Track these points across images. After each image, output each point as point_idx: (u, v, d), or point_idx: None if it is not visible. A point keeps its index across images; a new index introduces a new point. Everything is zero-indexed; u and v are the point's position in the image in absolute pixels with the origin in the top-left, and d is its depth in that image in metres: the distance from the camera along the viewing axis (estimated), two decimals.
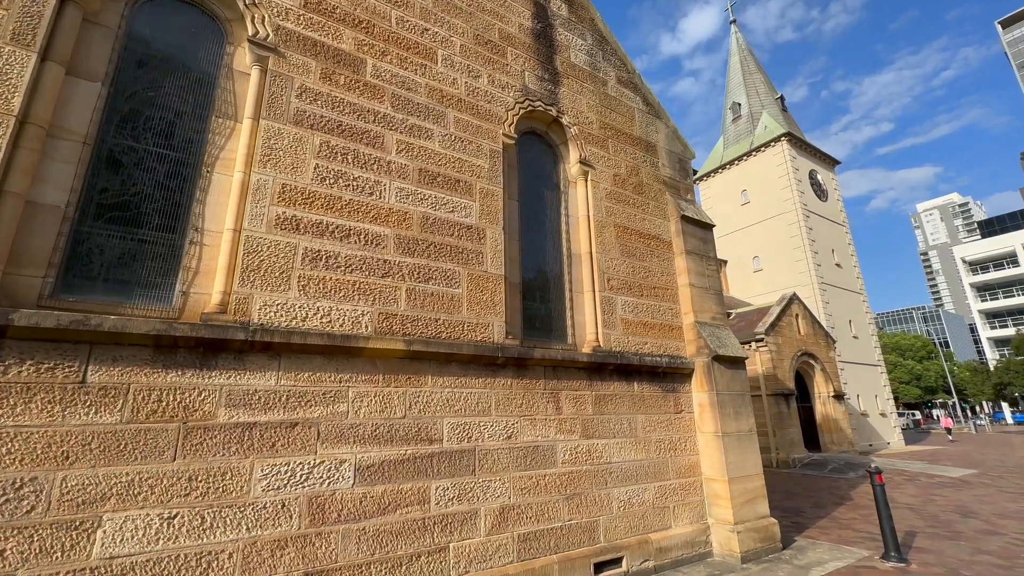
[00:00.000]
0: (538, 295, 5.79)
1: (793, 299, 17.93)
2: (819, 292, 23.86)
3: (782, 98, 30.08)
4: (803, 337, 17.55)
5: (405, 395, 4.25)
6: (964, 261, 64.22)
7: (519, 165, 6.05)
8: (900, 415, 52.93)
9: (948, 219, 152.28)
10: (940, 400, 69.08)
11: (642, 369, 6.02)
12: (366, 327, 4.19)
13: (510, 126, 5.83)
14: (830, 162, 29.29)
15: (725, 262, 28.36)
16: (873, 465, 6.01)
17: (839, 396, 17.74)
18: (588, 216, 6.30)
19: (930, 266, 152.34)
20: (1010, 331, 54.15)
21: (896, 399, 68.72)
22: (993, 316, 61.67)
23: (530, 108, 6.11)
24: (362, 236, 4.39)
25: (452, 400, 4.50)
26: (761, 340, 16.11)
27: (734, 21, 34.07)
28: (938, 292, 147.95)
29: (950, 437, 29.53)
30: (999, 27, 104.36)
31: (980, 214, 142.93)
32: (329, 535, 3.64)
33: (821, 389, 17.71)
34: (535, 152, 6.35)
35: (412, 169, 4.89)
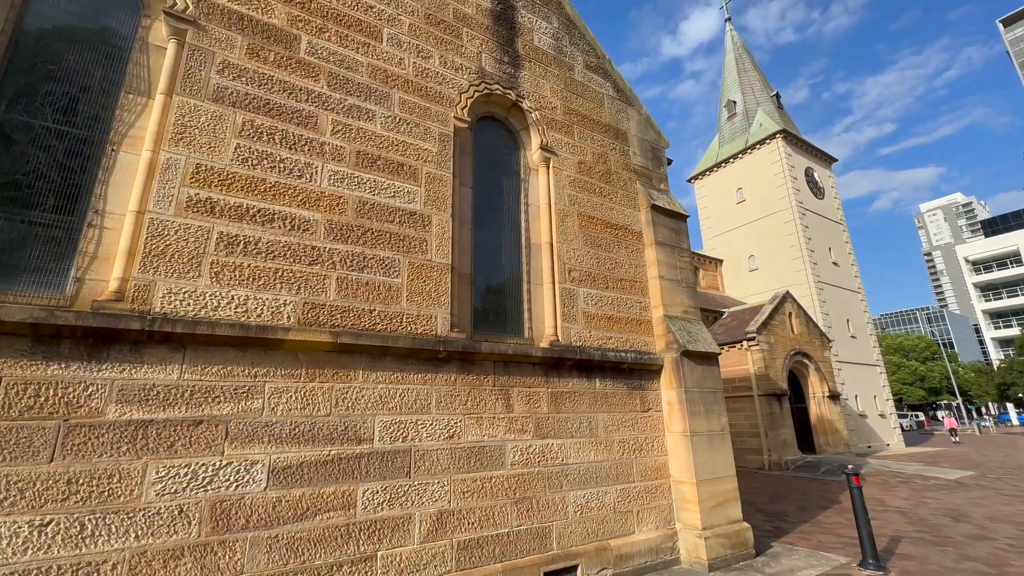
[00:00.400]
0: (492, 287, 5.48)
1: (786, 297, 17.55)
2: (815, 291, 23.44)
3: (778, 95, 29.73)
4: (796, 336, 17.16)
5: (331, 391, 3.95)
6: (967, 261, 63.54)
7: (474, 150, 5.76)
8: (903, 416, 52.25)
9: (952, 219, 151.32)
10: (945, 401, 68.35)
11: (605, 365, 5.70)
12: (288, 318, 3.89)
13: (463, 109, 5.54)
14: (827, 159, 28.91)
15: (721, 261, 27.99)
16: (850, 467, 5.66)
17: (834, 396, 17.32)
18: (549, 204, 5.99)
19: (934, 266, 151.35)
20: (1015, 331, 53.47)
21: (900, 400, 68.04)
22: (997, 316, 60.93)
23: (486, 91, 5.82)
24: (288, 221, 4.10)
25: (386, 397, 4.18)
26: (753, 339, 15.74)
27: (729, 19, 33.78)
28: (942, 293, 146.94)
29: (954, 439, 28.70)
30: (1000, 26, 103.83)
31: (984, 214, 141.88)
32: (234, 543, 3.33)
33: (816, 389, 17.30)
34: (493, 138, 6.06)
35: (349, 151, 4.60)
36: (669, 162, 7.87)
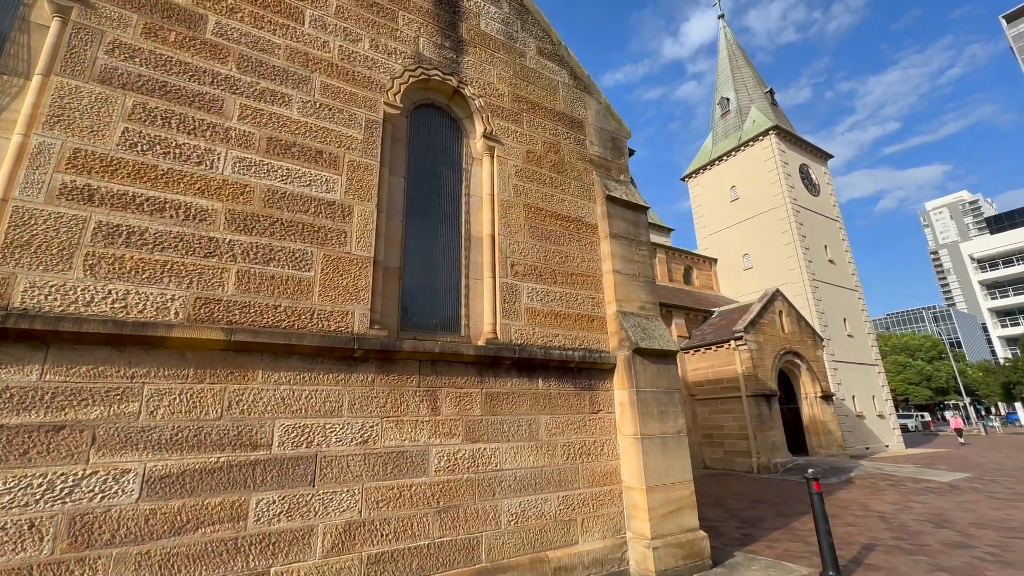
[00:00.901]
0: (427, 282, 5.17)
1: (776, 295, 17.13)
2: (810, 289, 22.97)
3: (771, 92, 29.32)
4: (787, 335, 16.72)
5: (223, 393, 3.65)
6: (972, 258, 62.62)
7: (410, 138, 5.47)
8: (908, 417, 51.40)
9: (958, 217, 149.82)
10: (952, 401, 67.43)
11: (549, 364, 5.38)
12: (176, 314, 3.60)
13: (396, 95, 5.25)
14: (822, 156, 28.45)
15: (715, 260, 27.56)
16: (810, 471, 5.29)
17: (827, 397, 16.85)
18: (492, 195, 5.69)
19: (940, 265, 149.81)
20: (1021, 329, 52.50)
21: (906, 400, 67.04)
22: (1004, 314, 59.96)
23: (424, 76, 5.53)
24: (182, 210, 3.81)
25: (289, 399, 3.88)
26: (740, 338, 15.33)
27: (722, 16, 33.46)
28: (949, 291, 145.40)
29: (960, 440, 27.71)
30: (1003, 21, 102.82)
31: (991, 211, 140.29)
32: (96, 561, 3.03)
33: (807, 389, 16.85)
34: (433, 125, 5.77)
35: (259, 138, 4.31)
36: (631, 152, 7.55)
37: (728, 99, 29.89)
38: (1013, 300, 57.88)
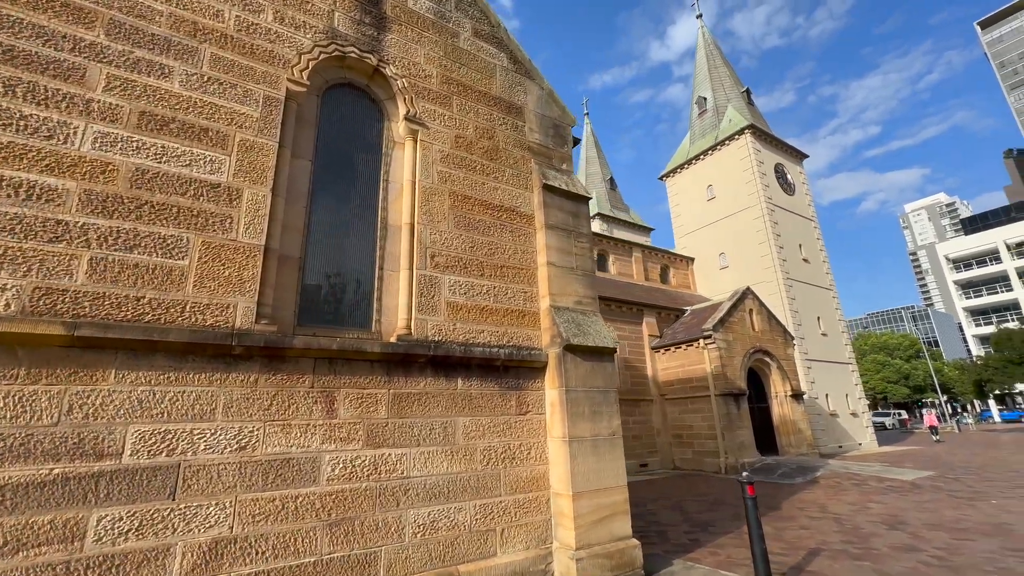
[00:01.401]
0: (333, 274, 4.77)
1: (746, 294, 17.00)
2: (784, 288, 22.96)
3: (748, 91, 29.39)
4: (757, 334, 16.59)
5: (63, 395, 3.21)
6: (948, 259, 63.80)
7: (320, 119, 5.07)
8: (885, 415, 52.06)
9: (936, 219, 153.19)
10: (930, 399, 68.71)
11: (470, 362, 5.01)
12: (7, 305, 3.15)
13: (303, 72, 4.84)
14: (797, 155, 28.56)
15: (692, 260, 27.49)
16: (745, 474, 4.99)
17: (797, 395, 16.75)
18: (413, 182, 5.31)
19: (919, 265, 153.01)
20: (994, 328, 53.53)
21: (885, 399, 68.10)
22: (978, 313, 61.14)
23: (338, 54, 5.14)
24: (23, 190, 3.37)
25: (149, 401, 3.45)
26: (709, 337, 15.13)
27: (700, 16, 33.51)
28: (928, 291, 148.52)
29: (935, 437, 27.78)
30: (978, 28, 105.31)
31: (967, 213, 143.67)
32: None
33: (778, 388, 16.72)
34: (351, 107, 5.37)
35: (129, 111, 3.88)
36: (576, 141, 7.23)
37: (705, 98, 29.89)
38: (986, 299, 59.04)
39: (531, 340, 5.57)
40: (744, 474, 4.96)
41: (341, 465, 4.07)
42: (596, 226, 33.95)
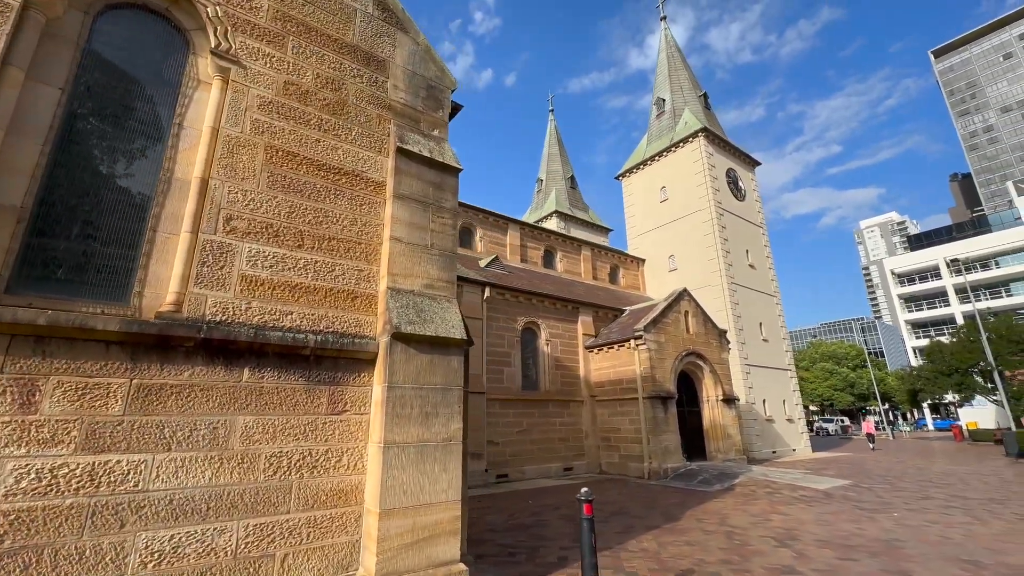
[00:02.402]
0: (80, 233, 3.79)
1: (683, 295, 16.67)
2: (728, 292, 22.90)
3: (705, 95, 29.38)
4: (691, 336, 16.26)
5: None
6: (894, 273, 66.53)
7: (90, 41, 4.06)
8: (829, 421, 53.83)
9: (887, 236, 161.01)
10: (873, 407, 71.63)
11: (265, 349, 4.12)
12: None
13: None
14: (750, 162, 28.74)
15: (643, 261, 27.27)
16: (583, 491, 4.30)
17: (729, 400, 16.51)
18: (215, 129, 4.36)
19: (870, 279, 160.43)
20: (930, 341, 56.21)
21: (831, 405, 70.60)
22: (918, 326, 63.98)
23: None
24: None
25: None
26: (640, 337, 14.65)
27: (664, 18, 33.39)
28: (877, 304, 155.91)
29: (871, 444, 28.22)
30: (932, 56, 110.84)
31: (915, 231, 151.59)
32: None
33: (710, 392, 16.45)
34: (141, 32, 4.37)
35: None
36: (458, 109, 6.42)
37: (664, 100, 29.73)
38: (927, 313, 61.82)
39: (361, 327, 4.72)
40: (583, 491, 4.25)
41: (33, 475, 3.12)
42: (553, 224, 33.43)
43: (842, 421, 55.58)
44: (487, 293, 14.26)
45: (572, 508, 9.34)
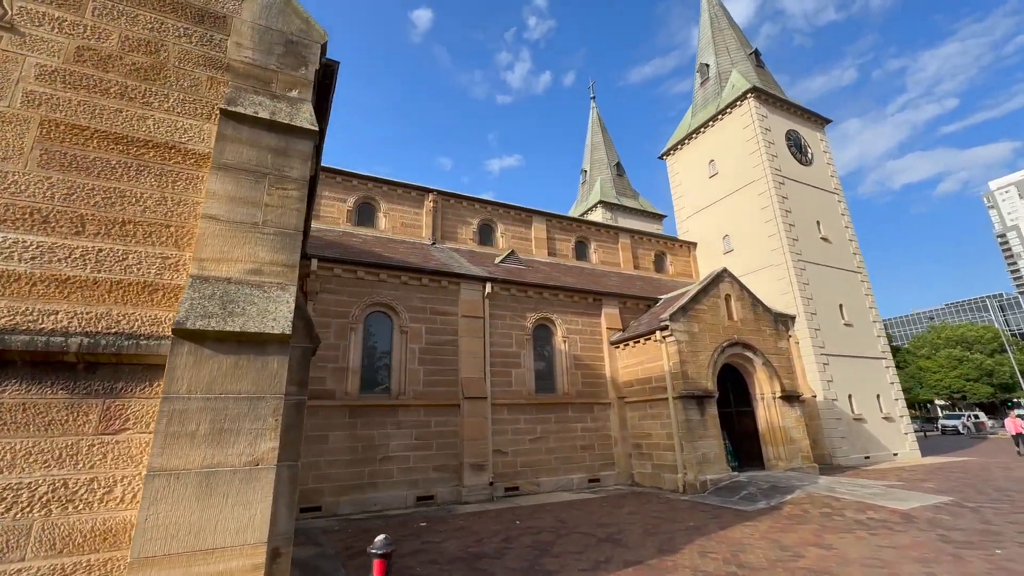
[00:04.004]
0: None
1: (722, 276, 14.30)
2: (794, 271, 19.67)
3: (756, 52, 25.94)
4: (735, 323, 13.85)
5: None
6: None
7: None
8: (956, 417, 45.31)
9: None
10: (1020, 399, 60.51)
11: (6, 356, 3.39)
12: None
13: None
14: (818, 121, 24.82)
15: (694, 245, 24.56)
16: (381, 540, 3.04)
17: (789, 397, 13.82)
18: None
19: (1009, 248, 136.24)
20: None
21: (963, 398, 59.96)
22: None
23: None
24: None
25: None
26: (666, 328, 12.67)
27: None
28: (1020, 276, 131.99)
29: (1018, 448, 21.87)
30: None
31: None
32: None
33: (764, 389, 13.88)
34: None
35: None
36: (331, 65, 5.46)
37: (708, 65, 26.78)
38: None
39: (161, 325, 3.88)
40: (380, 540, 3.00)
41: None
42: (598, 215, 31.41)
43: (974, 416, 46.17)
44: (489, 289, 13.14)
45: (567, 529, 7.92)
